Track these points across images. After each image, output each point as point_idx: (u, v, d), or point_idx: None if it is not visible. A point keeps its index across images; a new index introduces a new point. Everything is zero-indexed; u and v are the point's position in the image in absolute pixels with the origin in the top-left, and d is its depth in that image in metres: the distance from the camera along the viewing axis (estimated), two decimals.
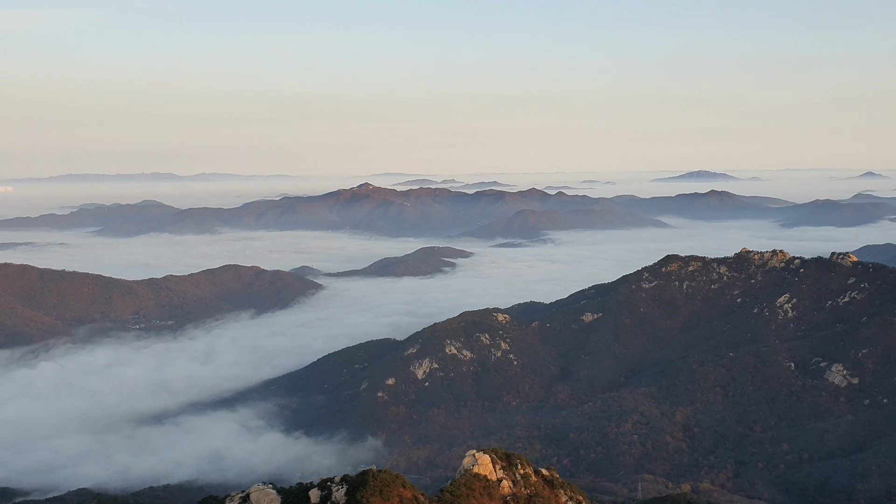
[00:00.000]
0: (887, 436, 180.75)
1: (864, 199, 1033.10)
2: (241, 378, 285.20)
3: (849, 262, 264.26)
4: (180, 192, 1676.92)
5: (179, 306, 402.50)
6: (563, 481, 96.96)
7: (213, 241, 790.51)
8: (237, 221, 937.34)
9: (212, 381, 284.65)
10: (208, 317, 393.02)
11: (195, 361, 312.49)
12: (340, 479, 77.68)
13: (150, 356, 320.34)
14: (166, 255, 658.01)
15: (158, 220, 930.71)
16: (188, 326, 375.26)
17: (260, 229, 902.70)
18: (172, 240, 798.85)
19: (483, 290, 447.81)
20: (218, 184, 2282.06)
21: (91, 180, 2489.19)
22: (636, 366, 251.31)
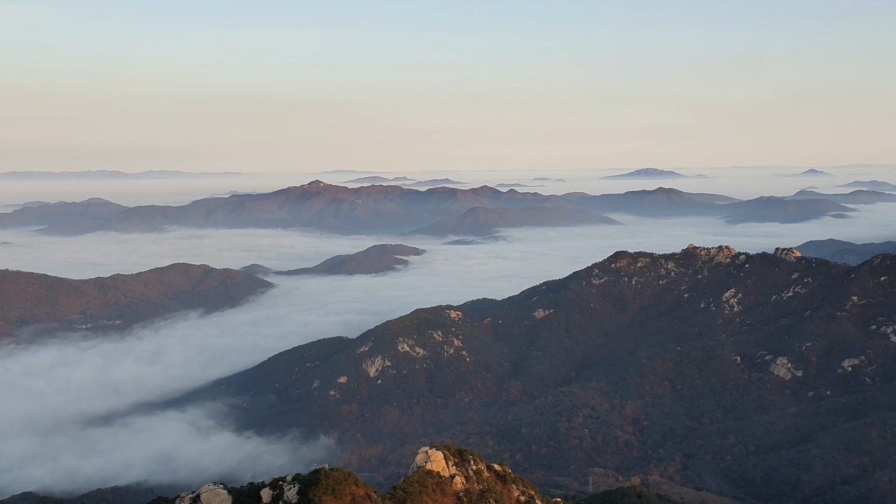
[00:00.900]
0: (830, 427, 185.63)
1: (807, 196, 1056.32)
2: (191, 378, 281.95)
3: (792, 258, 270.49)
4: (127, 189, 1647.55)
5: (127, 306, 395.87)
6: (515, 476, 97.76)
7: (161, 239, 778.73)
8: (186, 219, 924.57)
9: (160, 381, 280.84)
10: (156, 316, 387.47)
11: (143, 361, 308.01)
12: (292, 479, 77.31)
13: (97, 356, 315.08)
14: (113, 254, 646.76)
15: (105, 218, 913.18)
16: (136, 326, 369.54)
17: (209, 227, 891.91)
18: (120, 238, 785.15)
19: (435, 287, 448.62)
20: (166, 181, 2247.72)
21: (35, 178, 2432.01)
22: (587, 361, 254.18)
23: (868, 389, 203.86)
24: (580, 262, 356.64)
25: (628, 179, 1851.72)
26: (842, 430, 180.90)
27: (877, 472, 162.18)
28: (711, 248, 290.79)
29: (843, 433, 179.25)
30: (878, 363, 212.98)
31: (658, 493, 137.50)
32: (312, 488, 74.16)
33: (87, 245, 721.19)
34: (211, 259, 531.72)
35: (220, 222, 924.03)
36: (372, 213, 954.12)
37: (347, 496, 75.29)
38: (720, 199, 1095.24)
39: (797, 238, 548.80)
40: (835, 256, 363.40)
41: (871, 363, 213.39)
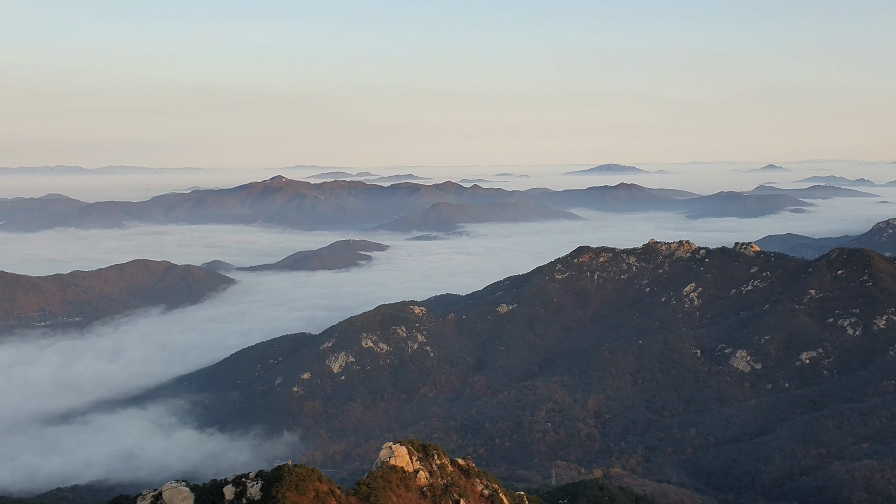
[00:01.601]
0: (789, 419, 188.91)
1: (765, 191, 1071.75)
2: (152, 375, 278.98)
3: (751, 252, 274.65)
4: (87, 185, 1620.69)
5: (87, 302, 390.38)
6: (479, 470, 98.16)
7: (121, 235, 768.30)
8: (146, 215, 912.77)
9: (121, 378, 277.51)
10: (117, 313, 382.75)
11: (103, 359, 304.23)
12: (255, 475, 76.91)
13: (56, 354, 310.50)
14: (73, 250, 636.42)
15: (64, 214, 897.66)
16: (96, 323, 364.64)
17: (170, 223, 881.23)
18: (79, 234, 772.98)
19: (399, 282, 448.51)
20: (126, 177, 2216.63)
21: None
22: (550, 355, 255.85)
23: (825, 381, 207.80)
24: (543, 257, 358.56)
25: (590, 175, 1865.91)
26: (800, 422, 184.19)
27: (834, 463, 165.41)
28: (672, 243, 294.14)
29: (801, 425, 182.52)
30: (835, 356, 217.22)
31: (620, 486, 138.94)
32: (276, 485, 73.86)
33: (45, 241, 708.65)
34: (172, 255, 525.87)
35: (182, 218, 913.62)
36: (335, 208, 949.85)
37: (311, 492, 75.09)
38: (681, 195, 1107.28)
39: (756, 233, 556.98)
40: (793, 251, 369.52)
41: (828, 356, 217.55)
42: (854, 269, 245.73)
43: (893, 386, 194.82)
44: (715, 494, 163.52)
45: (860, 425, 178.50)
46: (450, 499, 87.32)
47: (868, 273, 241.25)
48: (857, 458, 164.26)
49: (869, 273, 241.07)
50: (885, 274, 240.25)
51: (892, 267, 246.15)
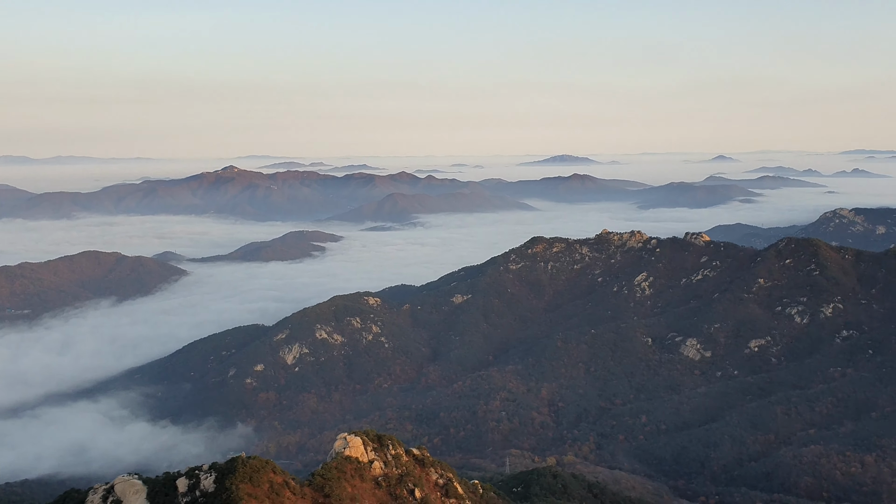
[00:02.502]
0: (738, 406, 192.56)
1: (715, 182, 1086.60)
2: (103, 368, 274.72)
3: (701, 242, 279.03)
4: (34, 175, 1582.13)
5: (36, 295, 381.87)
6: (433, 460, 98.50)
7: (70, 226, 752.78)
8: (96, 206, 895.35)
9: (71, 371, 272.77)
10: (66, 305, 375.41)
11: (53, 352, 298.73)
12: (209, 467, 76.07)
13: (4, 347, 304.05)
14: (20, 242, 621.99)
15: (11, 205, 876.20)
16: (45, 316, 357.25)
17: (120, 214, 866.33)
18: (27, 226, 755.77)
19: (353, 274, 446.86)
20: (75, 167, 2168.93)
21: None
22: (504, 345, 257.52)
23: (773, 369, 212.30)
24: (497, 247, 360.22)
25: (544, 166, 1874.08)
26: (748, 409, 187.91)
27: (781, 449, 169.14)
28: (624, 233, 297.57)
29: (749, 411, 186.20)
30: (783, 343, 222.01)
31: (573, 473, 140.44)
32: (229, 477, 73.19)
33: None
34: (122, 246, 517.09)
35: (132, 209, 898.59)
36: (288, 199, 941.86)
37: (265, 484, 74.57)
38: (632, 185, 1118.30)
39: (706, 223, 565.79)
40: (742, 240, 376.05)
41: (776, 343, 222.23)
42: (802, 258, 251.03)
43: (840, 373, 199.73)
44: (665, 481, 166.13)
45: (807, 411, 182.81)
46: (404, 488, 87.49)
47: (815, 262, 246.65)
48: (804, 443, 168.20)
49: (816, 262, 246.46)
50: (831, 263, 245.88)
51: (839, 256, 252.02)
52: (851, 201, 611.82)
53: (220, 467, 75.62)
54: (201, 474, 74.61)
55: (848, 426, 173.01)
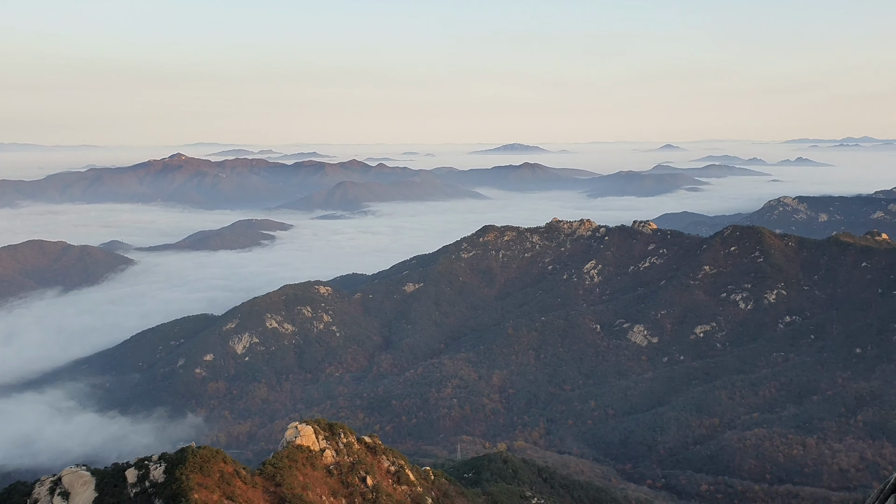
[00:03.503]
0: (684, 390, 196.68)
1: (663, 171, 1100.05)
2: (48, 358, 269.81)
3: (649, 230, 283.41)
4: None
5: None
6: (385, 447, 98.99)
7: (13, 215, 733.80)
8: (40, 194, 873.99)
9: (16, 362, 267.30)
10: (10, 295, 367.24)
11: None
12: (158, 458, 75.54)
13: None
14: None
15: None
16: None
17: (65, 202, 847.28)
18: None
19: (304, 262, 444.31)
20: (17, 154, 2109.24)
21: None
22: (456, 333, 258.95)
23: (718, 354, 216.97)
24: (449, 236, 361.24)
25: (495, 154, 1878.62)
26: (694, 393, 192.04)
27: (726, 432, 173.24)
28: (574, 222, 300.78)
29: (695, 396, 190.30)
30: (728, 329, 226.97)
31: (523, 458, 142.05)
32: (179, 467, 72.81)
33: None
34: (68, 235, 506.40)
35: (77, 197, 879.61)
36: (236, 186, 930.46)
37: (216, 473, 74.32)
38: (582, 174, 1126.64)
39: (653, 211, 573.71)
40: (688, 228, 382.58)
41: (721, 329, 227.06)
42: (746, 245, 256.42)
43: (782, 357, 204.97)
44: (613, 464, 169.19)
45: (751, 395, 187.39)
46: (356, 476, 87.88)
47: (759, 249, 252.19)
48: (748, 426, 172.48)
49: (760, 249, 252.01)
50: (775, 250, 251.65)
51: (783, 243, 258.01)
52: (795, 189, 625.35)
53: (169, 457, 75.19)
54: (151, 465, 74.10)
55: (790, 409, 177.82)
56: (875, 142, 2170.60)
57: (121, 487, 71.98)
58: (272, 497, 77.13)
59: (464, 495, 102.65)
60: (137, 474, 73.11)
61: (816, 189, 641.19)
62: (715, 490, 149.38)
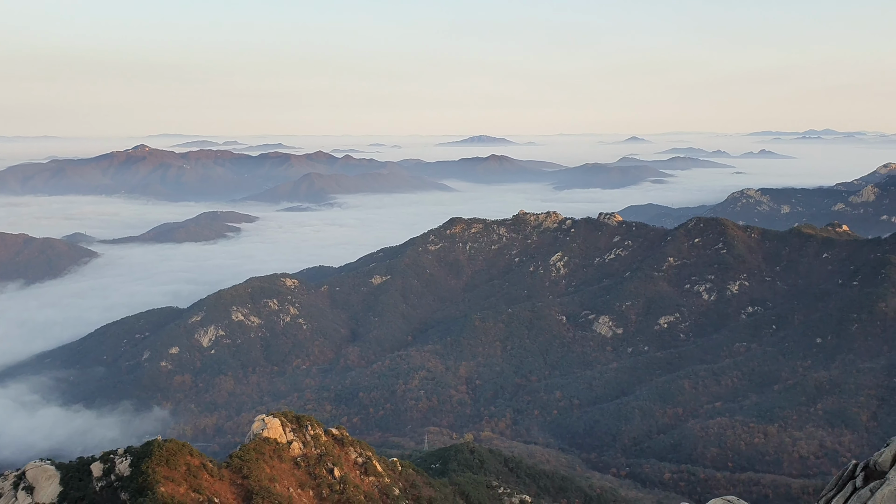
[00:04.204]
0: (648, 380, 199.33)
1: (628, 163, 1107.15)
2: (10, 352, 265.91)
3: (614, 222, 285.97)
4: None
5: None
6: (352, 439, 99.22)
7: None
8: (1, 186, 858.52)
9: None
10: None
11: None
12: (124, 451, 75.15)
13: None
14: None
15: None
16: None
17: (27, 194, 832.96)
18: None
19: (269, 255, 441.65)
20: None
21: None
22: (423, 325, 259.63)
23: (682, 344, 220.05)
24: (416, 228, 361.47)
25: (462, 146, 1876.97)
26: (658, 383, 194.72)
27: (689, 421, 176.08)
28: (540, 214, 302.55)
29: (659, 386, 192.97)
30: (691, 320, 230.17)
31: (489, 448, 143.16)
32: (145, 460, 72.55)
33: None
34: (30, 228, 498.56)
35: (39, 189, 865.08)
36: (201, 178, 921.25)
37: (182, 466, 74.17)
38: (548, 166, 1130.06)
39: (619, 203, 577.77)
40: (653, 220, 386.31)
41: (684, 320, 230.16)
42: (710, 237, 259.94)
43: (745, 347, 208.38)
44: (578, 453, 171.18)
45: (713, 385, 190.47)
46: (324, 468, 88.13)
47: (723, 241, 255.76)
48: (711, 416, 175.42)
49: (724, 241, 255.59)
50: (738, 241, 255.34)
51: (745, 235, 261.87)
52: (758, 181, 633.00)
53: (135, 451, 74.88)
54: (116, 458, 73.76)
55: (752, 398, 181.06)
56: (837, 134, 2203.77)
57: (86, 481, 71.57)
58: (239, 489, 77.13)
59: (431, 486, 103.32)
60: (103, 468, 72.75)
61: (779, 181, 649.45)
62: (678, 478, 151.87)
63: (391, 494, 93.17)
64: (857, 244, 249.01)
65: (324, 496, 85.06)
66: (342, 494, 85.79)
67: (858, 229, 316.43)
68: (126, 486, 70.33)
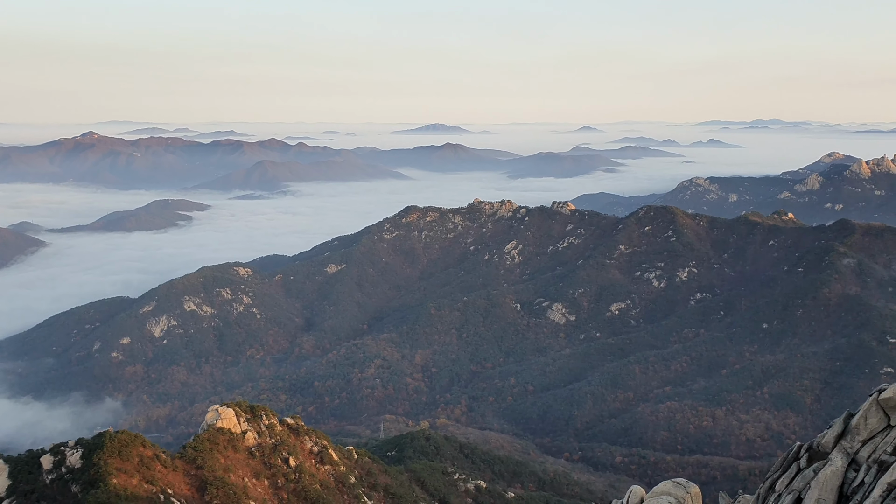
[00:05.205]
0: (599, 366, 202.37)
1: (581, 152, 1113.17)
2: None
3: (567, 211, 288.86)
4: None
5: None
6: (308, 428, 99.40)
7: None
8: None
9: None
10: None
11: None
12: (75, 443, 74.49)
13: None
14: None
15: None
16: None
17: None
18: None
19: (222, 244, 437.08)
20: None
21: None
22: (379, 313, 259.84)
23: (632, 330, 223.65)
24: (371, 216, 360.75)
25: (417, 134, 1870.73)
26: (609, 369, 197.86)
27: (639, 405, 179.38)
28: (495, 203, 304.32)
29: (610, 371, 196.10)
30: (642, 306, 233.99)
31: (445, 435, 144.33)
32: (97, 452, 72.04)
33: None
34: None
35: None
36: (151, 166, 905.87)
37: (135, 458, 73.81)
38: (503, 155, 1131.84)
39: (571, 192, 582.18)
40: (605, 208, 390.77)
41: (635, 306, 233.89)
42: (660, 225, 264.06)
43: (693, 333, 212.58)
44: (532, 438, 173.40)
45: (663, 370, 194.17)
46: (279, 457, 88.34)
47: (672, 229, 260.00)
48: (661, 400, 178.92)
49: (673, 229, 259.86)
50: (687, 229, 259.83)
51: (694, 223, 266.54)
52: (706, 170, 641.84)
53: (87, 443, 74.34)
54: (67, 450, 73.17)
55: (700, 383, 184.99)
56: (783, 124, 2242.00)
57: (36, 474, 70.87)
58: (193, 480, 77.04)
59: (387, 473, 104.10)
60: (53, 460, 72.11)
61: (727, 170, 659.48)
62: (629, 461, 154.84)
63: (347, 482, 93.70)
64: (802, 232, 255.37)
65: (279, 485, 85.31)
66: (297, 483, 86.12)
67: (803, 217, 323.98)
68: (77, 478, 69.82)
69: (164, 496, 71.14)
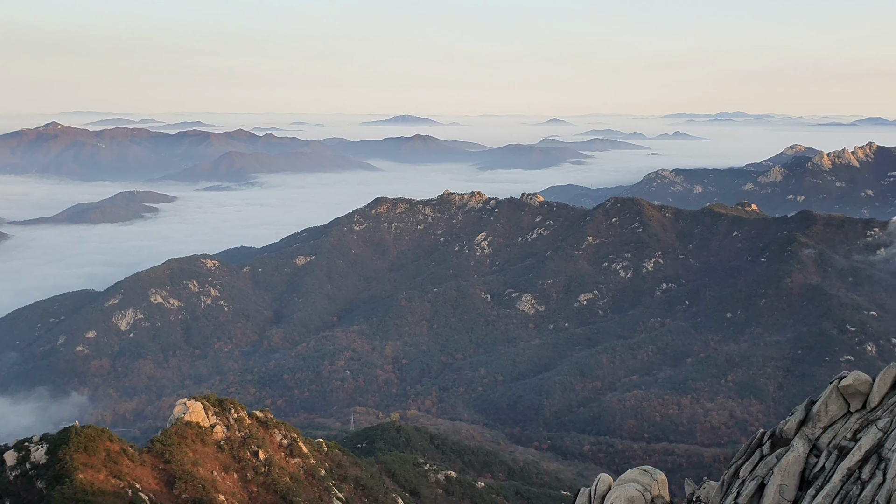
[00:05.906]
0: (568, 356, 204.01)
1: (549, 144, 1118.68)
2: None
3: (536, 202, 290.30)
4: None
5: None
6: (277, 421, 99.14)
7: None
8: None
9: None
10: None
11: None
12: (40, 439, 73.65)
13: None
14: None
15: None
16: None
17: None
18: None
19: (189, 236, 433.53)
20: None
21: None
22: (349, 305, 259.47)
23: (600, 320, 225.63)
24: (340, 208, 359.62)
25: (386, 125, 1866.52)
26: (578, 358, 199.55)
27: (607, 394, 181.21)
28: (465, 194, 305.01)
29: (578, 361, 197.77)
30: (609, 296, 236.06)
31: (415, 426, 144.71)
32: (62, 447, 71.30)
33: None
34: None
35: None
36: (117, 157, 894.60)
37: (101, 453, 73.16)
38: (472, 147, 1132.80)
39: (540, 183, 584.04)
40: (573, 200, 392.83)
41: (603, 297, 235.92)
42: (626, 216, 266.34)
43: (659, 323, 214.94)
44: (502, 428, 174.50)
45: (630, 359, 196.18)
46: (248, 451, 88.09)
47: (639, 220, 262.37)
48: (628, 388, 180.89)
49: (640, 220, 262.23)
50: (653, 221, 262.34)
51: (660, 214, 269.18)
52: (672, 163, 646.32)
53: (52, 438, 73.53)
54: (32, 446, 72.32)
55: (666, 371, 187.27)
56: (747, 117, 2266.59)
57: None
58: (161, 474, 76.60)
59: (357, 465, 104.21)
60: (17, 456, 71.23)
61: (692, 162, 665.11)
62: (597, 450, 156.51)
63: (317, 475, 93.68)
64: (765, 222, 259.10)
65: (248, 479, 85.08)
66: (267, 476, 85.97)
67: (766, 208, 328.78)
68: (42, 474, 69.03)
69: (132, 491, 70.60)
